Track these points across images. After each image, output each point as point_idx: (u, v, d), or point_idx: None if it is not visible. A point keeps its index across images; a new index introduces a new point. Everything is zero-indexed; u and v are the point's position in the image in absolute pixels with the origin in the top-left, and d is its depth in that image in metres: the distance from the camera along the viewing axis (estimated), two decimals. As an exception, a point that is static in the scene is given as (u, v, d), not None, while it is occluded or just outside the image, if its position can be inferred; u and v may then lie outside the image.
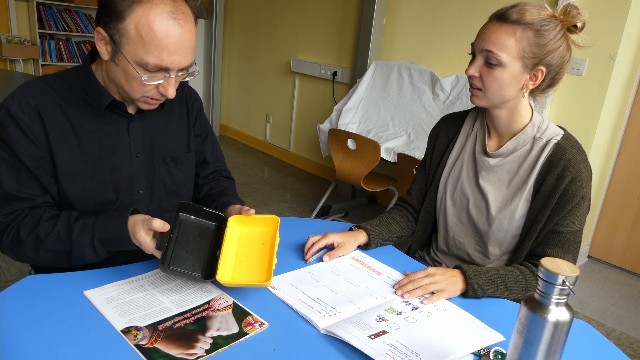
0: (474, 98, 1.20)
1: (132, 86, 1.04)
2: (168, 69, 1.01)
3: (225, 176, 1.44)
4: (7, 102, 1.05)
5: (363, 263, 1.20)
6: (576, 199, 1.14)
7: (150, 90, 1.05)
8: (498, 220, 1.22)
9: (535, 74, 1.13)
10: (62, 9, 5.01)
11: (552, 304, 0.71)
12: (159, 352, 0.82)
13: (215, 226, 1.11)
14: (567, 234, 1.16)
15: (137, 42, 0.97)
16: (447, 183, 1.33)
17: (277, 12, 4.56)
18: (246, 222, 1.13)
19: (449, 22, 3.28)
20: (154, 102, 1.09)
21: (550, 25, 1.10)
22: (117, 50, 1.00)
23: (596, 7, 2.60)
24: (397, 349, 0.86)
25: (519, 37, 1.09)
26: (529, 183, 1.19)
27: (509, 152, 1.22)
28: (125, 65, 1.01)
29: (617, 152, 2.99)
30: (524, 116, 1.21)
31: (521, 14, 1.09)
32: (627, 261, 3.06)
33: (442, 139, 1.37)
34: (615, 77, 2.66)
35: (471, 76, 1.16)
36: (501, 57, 1.10)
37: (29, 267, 1.29)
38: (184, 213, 1.08)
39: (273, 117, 4.85)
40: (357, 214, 3.67)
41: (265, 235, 1.12)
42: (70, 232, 1.04)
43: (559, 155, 1.15)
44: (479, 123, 1.30)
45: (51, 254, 1.06)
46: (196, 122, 1.32)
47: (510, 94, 1.15)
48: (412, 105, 3.24)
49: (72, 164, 1.10)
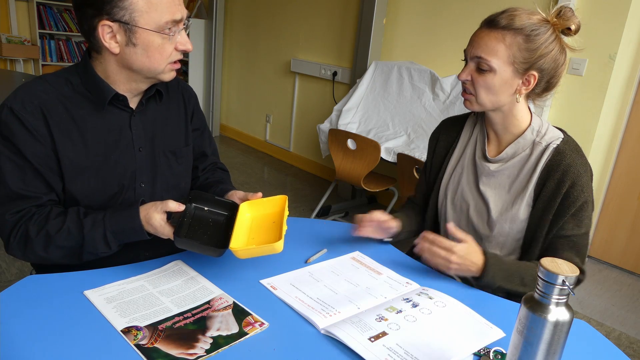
0: (466, 103, 1.21)
1: (156, 58, 1.07)
2: (180, 20, 1.07)
3: (220, 167, 1.48)
4: (9, 101, 1.06)
5: (363, 263, 1.21)
6: (578, 203, 1.15)
7: (172, 53, 1.09)
8: (499, 225, 1.23)
9: (527, 78, 1.14)
10: (62, 9, 5.02)
11: (552, 303, 0.71)
12: (159, 352, 0.82)
13: (227, 214, 1.13)
14: (575, 237, 1.18)
15: (149, 8, 1.02)
16: (447, 188, 1.34)
17: (277, 12, 4.56)
18: (257, 207, 1.15)
19: (449, 22, 3.28)
20: (177, 65, 1.13)
21: (541, 29, 1.10)
22: (133, 28, 1.03)
23: (596, 7, 2.60)
24: (396, 353, 0.86)
25: (509, 42, 1.10)
26: (530, 187, 1.20)
27: (509, 157, 1.23)
28: (146, 39, 1.04)
29: (617, 152, 2.99)
30: (521, 120, 1.21)
31: (510, 20, 1.10)
32: (627, 261, 3.06)
33: (442, 143, 1.38)
34: (615, 77, 2.66)
35: (464, 81, 1.17)
36: (491, 62, 1.11)
37: (29, 267, 1.29)
38: (196, 203, 1.11)
39: (273, 117, 4.85)
40: (357, 214, 3.66)
41: (275, 215, 1.14)
42: (82, 227, 1.05)
43: (559, 160, 1.16)
44: (479, 128, 1.31)
45: (61, 251, 1.07)
46: (193, 117, 1.34)
47: (502, 99, 1.16)
48: (412, 105, 3.24)
49: (77, 161, 1.10)
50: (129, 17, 1.01)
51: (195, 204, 1.11)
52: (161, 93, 1.22)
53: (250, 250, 1.01)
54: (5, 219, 1.06)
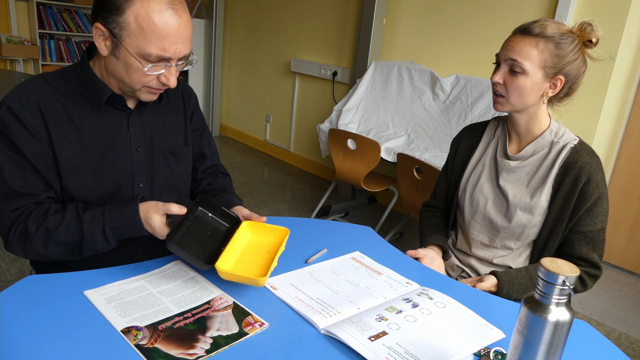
0: (497, 105, 1.28)
1: (133, 77, 1.05)
2: (169, 59, 1.03)
3: (221, 172, 1.48)
4: (7, 99, 1.06)
5: (363, 263, 1.21)
6: (592, 198, 1.24)
7: (152, 80, 1.07)
8: (517, 216, 1.31)
9: (554, 82, 1.23)
10: (62, 9, 5.02)
11: (552, 304, 0.71)
12: (159, 352, 0.82)
13: (228, 227, 1.15)
14: (590, 234, 1.26)
15: (138, 34, 0.99)
16: (467, 184, 1.43)
17: (277, 12, 4.56)
18: (258, 230, 1.17)
19: (449, 22, 3.28)
20: (155, 91, 1.11)
21: (568, 39, 1.20)
22: (118, 44, 1.02)
23: (596, 7, 2.60)
24: (396, 352, 0.86)
25: (542, 48, 1.20)
26: (547, 183, 1.28)
27: (529, 155, 1.32)
28: (126, 58, 1.02)
29: (617, 152, 2.99)
30: (542, 122, 1.30)
31: (543, 28, 1.20)
32: (627, 261, 3.06)
33: (464, 146, 1.47)
34: (615, 77, 2.66)
35: (495, 83, 1.26)
36: (525, 65, 1.20)
37: (29, 267, 1.29)
38: (203, 207, 1.13)
39: (273, 117, 4.85)
40: (357, 214, 3.67)
41: (272, 244, 1.15)
42: (81, 223, 1.06)
43: (576, 158, 1.25)
44: (500, 129, 1.40)
45: (61, 247, 1.07)
46: (193, 117, 1.34)
47: (531, 100, 1.25)
48: (412, 105, 3.24)
49: (74, 160, 1.11)
50: (118, 32, 1.01)
51: (202, 208, 1.14)
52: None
53: (233, 276, 1.00)
54: (4, 216, 1.06)
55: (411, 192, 2.73)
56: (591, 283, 1.30)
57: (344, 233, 1.37)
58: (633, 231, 3.01)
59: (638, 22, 2.62)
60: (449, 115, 3.06)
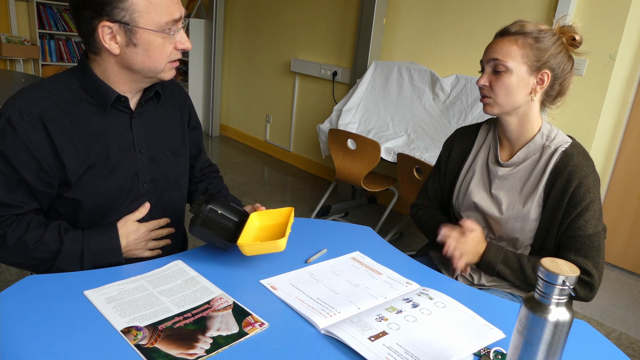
0: (486, 107, 1.27)
1: (156, 57, 1.08)
2: (179, 19, 1.09)
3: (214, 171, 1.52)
4: (7, 110, 1.05)
5: (363, 263, 1.21)
6: (584, 202, 1.21)
7: (171, 52, 1.10)
8: (511, 223, 1.29)
9: (541, 77, 1.22)
10: (62, 9, 5.02)
11: (552, 304, 0.71)
12: (159, 352, 0.82)
13: (237, 221, 1.22)
14: (582, 238, 1.22)
15: (150, 9, 1.03)
16: (459, 191, 1.41)
17: (277, 12, 4.56)
18: (266, 217, 1.24)
19: (449, 22, 3.28)
20: (175, 65, 1.15)
21: (548, 33, 1.21)
22: (133, 29, 1.03)
23: (596, 7, 2.60)
24: (396, 352, 0.86)
25: (521, 44, 1.20)
26: (539, 188, 1.26)
27: (520, 160, 1.30)
28: (146, 39, 1.05)
29: (617, 152, 2.99)
30: (533, 124, 1.28)
31: (521, 27, 1.21)
32: (627, 261, 3.06)
33: (457, 149, 1.45)
34: (615, 77, 2.66)
35: (482, 86, 1.26)
36: (507, 63, 1.20)
37: (29, 267, 1.28)
38: (212, 205, 1.19)
39: (273, 117, 4.85)
40: (357, 214, 3.67)
41: (282, 225, 1.21)
42: (61, 243, 1.07)
43: (566, 161, 1.23)
44: (491, 135, 1.38)
45: (33, 261, 1.08)
46: (191, 116, 1.37)
47: (519, 98, 1.23)
48: (412, 105, 3.24)
49: (81, 165, 1.11)
50: (129, 18, 1.02)
51: (211, 206, 1.19)
52: (159, 94, 1.23)
53: (255, 246, 1.08)
54: None
55: (411, 192, 2.73)
56: (583, 291, 1.22)
57: (344, 233, 1.37)
58: (633, 231, 3.01)
59: (638, 22, 2.62)
60: (449, 115, 3.06)
